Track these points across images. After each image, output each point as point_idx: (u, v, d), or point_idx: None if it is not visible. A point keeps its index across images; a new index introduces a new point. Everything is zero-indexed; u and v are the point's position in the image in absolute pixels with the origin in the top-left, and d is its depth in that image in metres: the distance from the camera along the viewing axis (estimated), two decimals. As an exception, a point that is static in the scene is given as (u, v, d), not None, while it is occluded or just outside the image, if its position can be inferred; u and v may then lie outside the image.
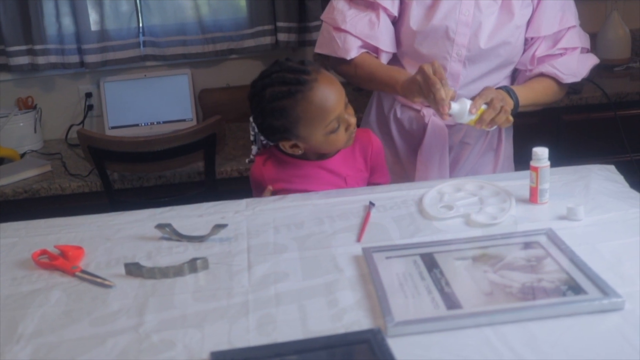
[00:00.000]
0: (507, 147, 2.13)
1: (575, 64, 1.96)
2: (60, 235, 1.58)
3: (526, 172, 1.59)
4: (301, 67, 1.67)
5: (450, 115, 1.67)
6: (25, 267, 1.44)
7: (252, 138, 1.80)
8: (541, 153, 1.55)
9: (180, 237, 1.51)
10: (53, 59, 3.24)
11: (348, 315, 1.16)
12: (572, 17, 1.96)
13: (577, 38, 1.97)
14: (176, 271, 1.35)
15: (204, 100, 3.38)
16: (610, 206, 1.52)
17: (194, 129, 2.57)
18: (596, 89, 2.92)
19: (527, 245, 1.35)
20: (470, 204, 1.59)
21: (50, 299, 1.29)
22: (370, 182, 1.89)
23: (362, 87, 2.06)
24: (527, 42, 1.98)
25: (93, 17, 3.26)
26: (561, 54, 1.96)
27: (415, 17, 1.90)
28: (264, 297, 1.24)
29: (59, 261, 1.42)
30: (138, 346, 1.11)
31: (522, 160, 1.68)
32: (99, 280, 1.34)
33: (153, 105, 3.28)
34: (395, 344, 1.05)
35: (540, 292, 1.18)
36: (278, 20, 3.28)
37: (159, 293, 1.28)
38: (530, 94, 1.92)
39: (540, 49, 1.95)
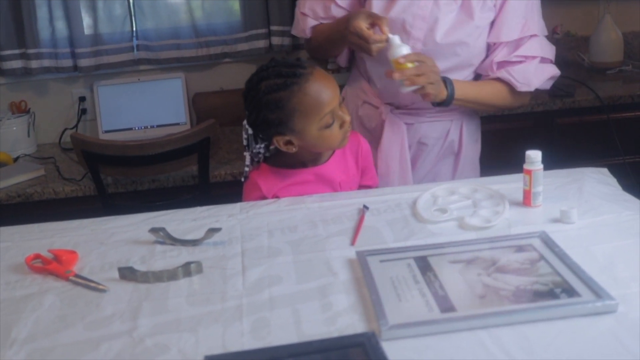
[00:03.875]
0: (470, 151, 2.14)
1: (531, 73, 1.97)
2: (53, 239, 1.58)
3: (520, 175, 1.60)
4: (297, 62, 1.71)
5: (387, 41, 1.78)
6: (18, 271, 1.44)
7: (244, 142, 1.79)
8: (534, 156, 1.55)
9: (174, 241, 1.51)
10: (46, 62, 3.23)
11: (342, 319, 1.16)
12: (535, 26, 1.96)
13: (537, 47, 1.97)
14: (170, 275, 1.34)
15: (197, 104, 3.38)
16: (604, 209, 1.53)
17: (187, 133, 2.56)
18: (589, 92, 2.94)
19: (520, 248, 1.36)
20: (464, 207, 1.59)
21: (44, 304, 1.29)
22: (360, 185, 1.90)
23: (328, 55, 2.15)
24: (490, 48, 1.99)
25: (86, 20, 3.25)
26: (519, 62, 1.96)
27: (375, 9, 1.94)
28: (258, 300, 1.24)
29: (52, 265, 1.42)
30: (132, 350, 1.11)
31: (515, 163, 1.69)
32: (92, 284, 1.34)
33: (147, 109, 3.27)
34: (389, 348, 1.06)
35: (533, 294, 1.18)
36: (272, 23, 3.28)
37: (152, 297, 1.28)
38: (472, 91, 1.96)
39: (499, 55, 1.97)
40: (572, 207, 1.49)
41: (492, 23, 1.95)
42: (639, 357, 1.01)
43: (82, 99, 3.34)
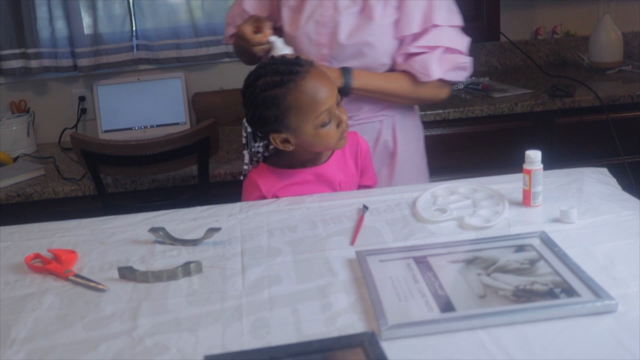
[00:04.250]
0: (408, 152, 2.13)
1: (433, 64, 1.94)
2: (53, 239, 1.58)
3: (519, 175, 1.60)
4: (295, 60, 1.70)
5: (269, 42, 1.90)
6: (18, 271, 1.44)
7: (244, 141, 1.79)
8: (534, 156, 1.55)
9: (174, 240, 1.51)
10: (46, 62, 3.23)
11: (342, 319, 1.16)
12: (439, 16, 1.94)
13: (442, 37, 1.95)
14: (170, 275, 1.34)
15: (197, 103, 3.38)
16: (603, 209, 1.53)
17: (187, 133, 2.57)
18: (589, 92, 2.94)
19: (520, 248, 1.36)
20: (463, 207, 1.59)
21: (43, 303, 1.29)
22: (360, 185, 1.90)
23: (249, 62, 2.13)
24: (400, 43, 2.01)
25: (86, 20, 3.26)
26: (421, 53, 1.95)
27: (287, 22, 2.02)
28: (258, 300, 1.24)
29: (52, 265, 1.42)
30: (132, 350, 1.11)
31: (515, 163, 1.69)
32: (92, 284, 1.34)
33: (146, 108, 3.28)
34: (389, 347, 1.05)
35: (533, 294, 1.18)
36: (272, 24, 3.28)
37: (152, 297, 1.28)
38: (374, 82, 1.98)
39: (403, 48, 1.98)
40: (572, 207, 1.49)
41: (398, 20, 1.97)
42: (638, 357, 1.01)
43: (81, 99, 3.34)
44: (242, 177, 1.85)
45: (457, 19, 1.99)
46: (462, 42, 1.99)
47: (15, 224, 1.68)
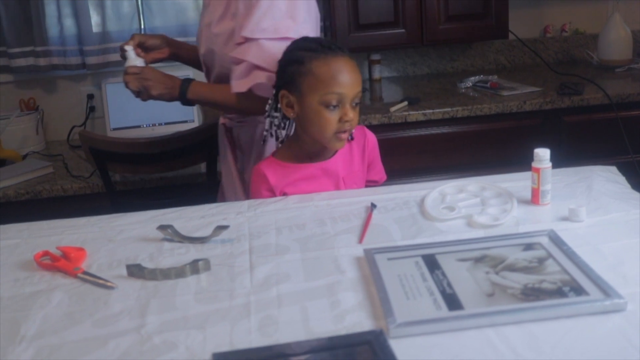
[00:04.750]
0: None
1: (235, 78, 1.95)
2: (62, 236, 1.58)
3: (528, 173, 1.59)
4: (338, 45, 1.76)
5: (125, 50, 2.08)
6: (27, 268, 1.44)
7: (266, 107, 1.84)
8: (543, 154, 1.55)
9: (182, 238, 1.52)
10: (55, 60, 3.24)
11: (350, 317, 1.16)
12: (249, 30, 1.90)
13: (244, 51, 1.92)
14: (178, 272, 1.35)
15: (205, 101, 3.38)
16: (612, 207, 1.52)
17: (196, 130, 2.57)
18: (598, 90, 2.93)
19: (528, 247, 1.35)
20: (472, 205, 1.59)
21: (52, 301, 1.29)
22: (367, 180, 1.90)
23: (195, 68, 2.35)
24: None
25: (95, 18, 3.26)
26: (236, 64, 1.95)
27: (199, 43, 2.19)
28: (266, 298, 1.24)
29: (61, 262, 1.42)
30: (140, 348, 1.11)
31: (523, 161, 1.69)
32: (101, 281, 1.34)
33: (155, 106, 3.25)
34: (397, 345, 1.05)
35: (541, 293, 1.18)
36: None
37: (160, 294, 1.29)
38: (206, 93, 2.09)
39: None
40: (581, 205, 1.49)
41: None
42: (647, 355, 1.01)
43: (90, 97, 3.35)
44: (262, 142, 1.94)
45: (286, 30, 1.89)
46: (265, 58, 1.89)
47: (24, 221, 1.69)
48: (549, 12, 3.61)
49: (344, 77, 1.69)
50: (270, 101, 1.82)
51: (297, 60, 1.73)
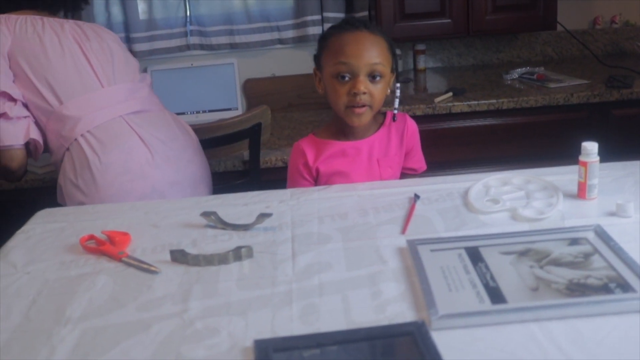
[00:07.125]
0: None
1: None
2: (107, 220, 1.61)
3: (574, 167, 1.57)
4: (365, 22, 1.79)
5: None
6: (73, 251, 1.46)
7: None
8: (590, 148, 1.52)
9: (225, 225, 1.53)
10: (102, 47, 3.28)
11: (391, 307, 1.15)
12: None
13: None
14: (221, 259, 1.36)
15: (249, 89, 3.40)
16: (661, 203, 1.49)
17: (239, 118, 2.58)
18: (648, 83, 2.87)
19: (574, 241, 1.33)
20: (516, 198, 1.57)
21: (97, 284, 1.31)
22: (405, 167, 1.90)
23: None
24: None
25: (141, 6, 3.30)
26: None
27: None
28: (308, 286, 1.24)
29: (106, 246, 1.44)
30: (182, 332, 1.13)
31: (570, 155, 1.66)
32: (144, 266, 1.36)
33: (199, 94, 3.30)
34: (438, 337, 1.05)
35: (587, 288, 1.16)
36: (325, 10, 3.28)
37: (203, 280, 1.30)
38: None
39: None
40: (629, 200, 1.46)
41: None
42: (696, 355, 0.99)
43: (136, 83, 3.38)
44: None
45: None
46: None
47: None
48: (598, 3, 3.54)
49: (353, 48, 1.72)
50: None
51: (322, 38, 1.82)
